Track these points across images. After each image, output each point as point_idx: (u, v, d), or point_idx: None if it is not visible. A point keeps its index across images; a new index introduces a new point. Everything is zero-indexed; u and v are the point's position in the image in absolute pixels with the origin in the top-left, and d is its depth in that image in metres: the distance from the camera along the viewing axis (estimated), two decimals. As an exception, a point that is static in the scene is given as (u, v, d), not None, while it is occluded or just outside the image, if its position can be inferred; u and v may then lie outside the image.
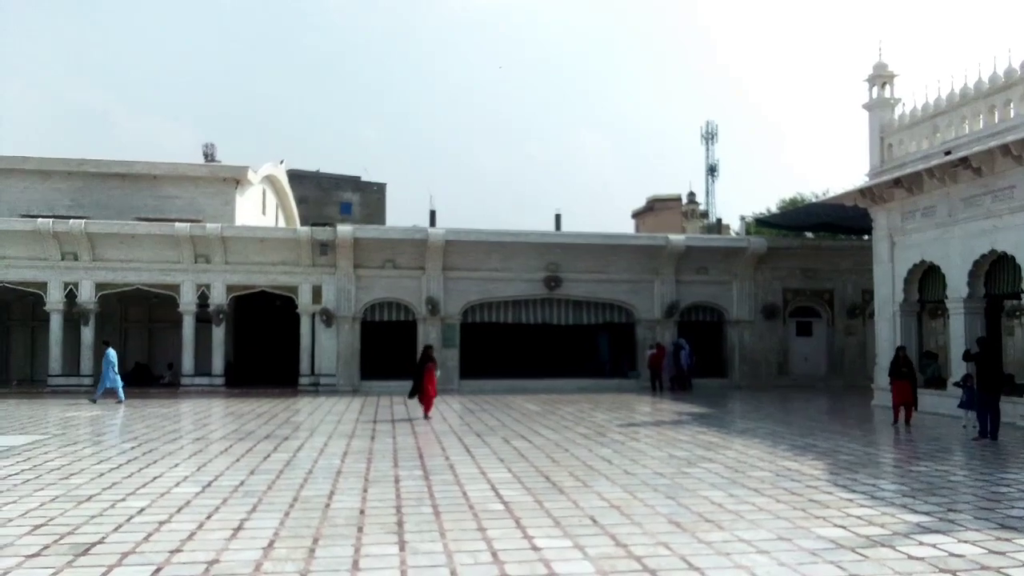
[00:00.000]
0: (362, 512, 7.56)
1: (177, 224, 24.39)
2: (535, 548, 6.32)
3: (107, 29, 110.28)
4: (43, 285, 23.91)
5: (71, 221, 23.85)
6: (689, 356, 25.25)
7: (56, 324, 23.91)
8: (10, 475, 9.35)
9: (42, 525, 6.90)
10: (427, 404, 16.55)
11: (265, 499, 8.12)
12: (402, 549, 6.27)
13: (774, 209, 43.53)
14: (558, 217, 38.28)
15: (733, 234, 40.74)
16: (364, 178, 57.90)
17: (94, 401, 19.64)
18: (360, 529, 6.89)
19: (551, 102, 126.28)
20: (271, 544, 6.38)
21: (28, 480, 9.06)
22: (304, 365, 24.86)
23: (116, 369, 19.92)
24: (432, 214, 35.61)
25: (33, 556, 5.95)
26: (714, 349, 27.53)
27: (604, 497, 8.30)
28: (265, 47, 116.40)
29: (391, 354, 25.43)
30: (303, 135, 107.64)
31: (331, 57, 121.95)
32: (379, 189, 58.41)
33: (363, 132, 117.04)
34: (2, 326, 26.79)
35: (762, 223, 33.06)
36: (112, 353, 20.02)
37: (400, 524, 7.08)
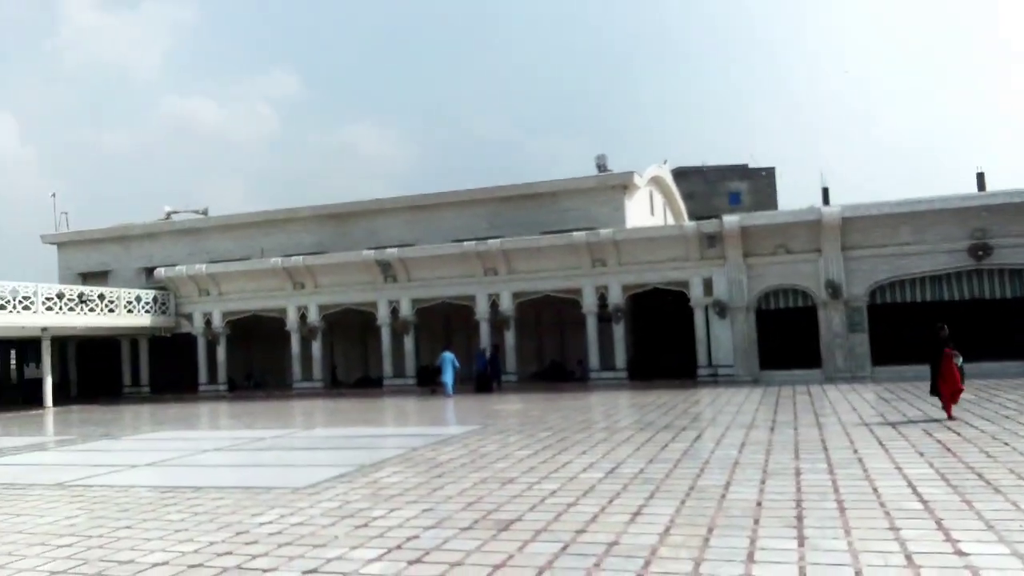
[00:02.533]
0: (759, 504, 7.35)
1: (575, 233, 26.37)
2: (960, 553, 5.53)
3: (505, 61, 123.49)
4: (472, 298, 27.66)
5: (489, 241, 27.24)
6: None
7: (484, 331, 27.46)
8: (451, 459, 10.98)
9: (473, 503, 7.97)
10: (949, 400, 12.80)
11: (663, 487, 8.34)
12: (801, 544, 5.95)
13: None
14: (980, 176, 33.02)
15: None
16: (751, 165, 56.34)
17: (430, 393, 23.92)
18: (756, 521, 6.71)
19: (961, 39, 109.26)
20: (667, 530, 6.53)
21: (464, 464, 10.55)
22: (701, 357, 25.02)
23: (450, 370, 24.11)
24: (825, 192, 33.38)
25: (466, 529, 6.90)
26: None
27: (1057, 499, 6.92)
28: (641, 56, 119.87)
29: (790, 342, 24.32)
30: (685, 132, 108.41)
31: (704, 50, 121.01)
32: (768, 174, 56.40)
33: (746, 117, 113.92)
34: (446, 334, 31.54)
35: None
36: (447, 355, 24.34)
37: (799, 518, 6.73)
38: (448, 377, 24.12)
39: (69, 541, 7.12)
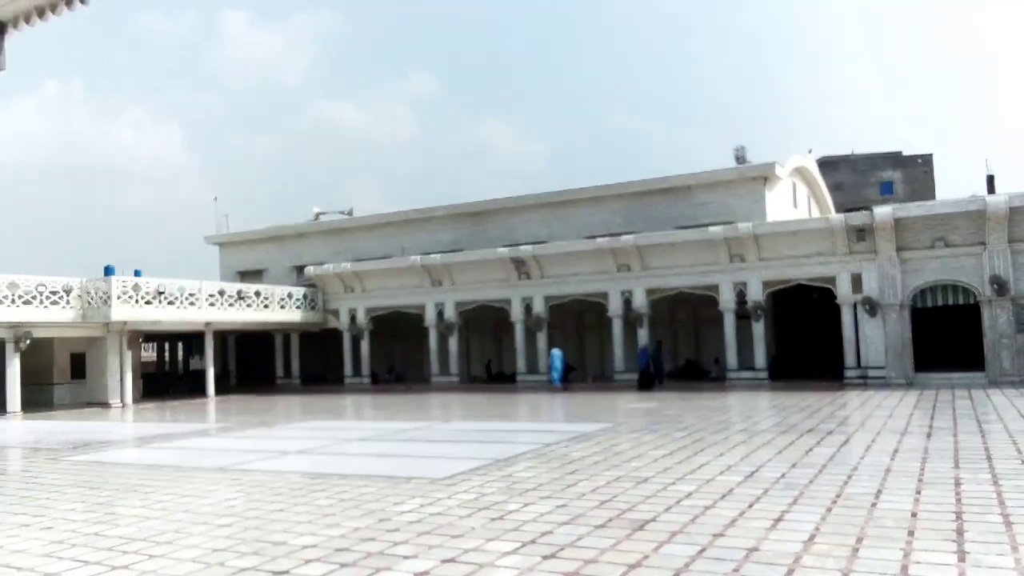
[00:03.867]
0: (913, 515, 6.89)
1: (711, 228, 25.66)
2: None
3: (638, 54, 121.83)
4: (604, 294, 27.51)
5: (623, 237, 27.00)
6: None
7: (617, 328, 27.24)
8: (584, 456, 10.97)
9: (607, 501, 7.93)
10: None
11: (807, 493, 7.98)
12: (961, 560, 5.53)
13: None
14: None
15: None
16: (905, 152, 52.80)
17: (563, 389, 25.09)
18: (911, 533, 6.29)
19: None
20: (812, 538, 6.24)
21: (598, 462, 10.51)
22: (849, 358, 23.73)
23: (557, 367, 25.88)
24: (990, 180, 30.74)
25: (600, 527, 6.87)
26: None
27: None
28: (782, 42, 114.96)
29: (949, 343, 22.64)
30: (833, 119, 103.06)
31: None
32: (924, 162, 52.68)
33: (901, 102, 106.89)
34: (578, 331, 31.54)
35: None
36: (556, 353, 26.17)
37: (960, 532, 6.25)
38: (557, 373, 25.84)
39: (228, 521, 7.66)
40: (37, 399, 26.36)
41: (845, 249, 23.77)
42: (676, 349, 29.51)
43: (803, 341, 27.46)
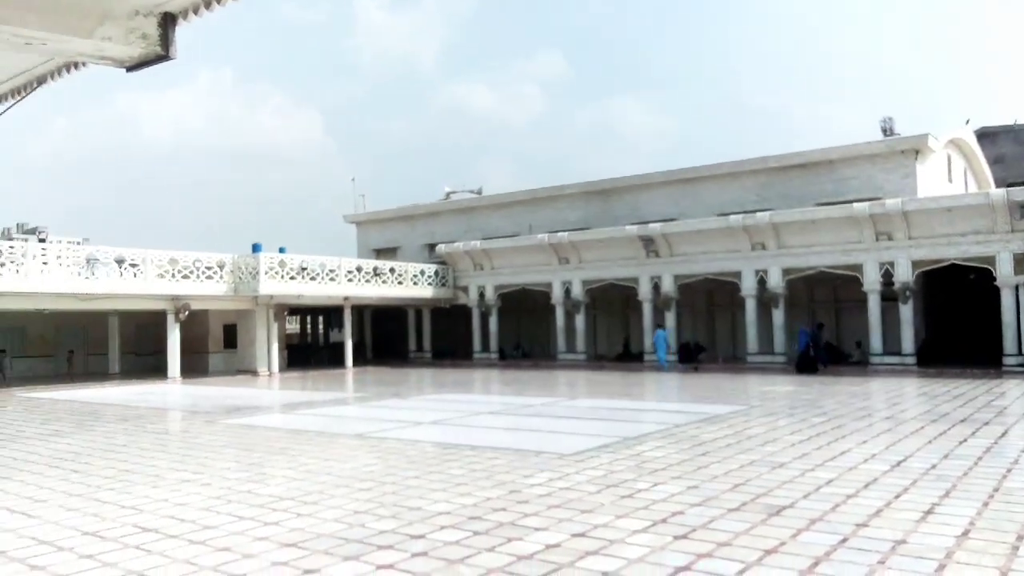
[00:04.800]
0: (1086, 515, 6.31)
1: (855, 204, 24.31)
2: None
3: (771, 24, 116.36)
4: (738, 274, 26.66)
5: (758, 214, 26.02)
6: None
7: (751, 308, 26.37)
8: (715, 439, 10.71)
9: (740, 484, 7.72)
10: None
11: (960, 485, 7.47)
12: None
13: None
14: None
15: None
16: (1079, 120, 47.82)
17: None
18: (1082, 534, 5.77)
19: None
20: (965, 533, 5.84)
21: (730, 444, 10.24)
22: (1009, 344, 21.96)
23: (663, 347, 26.67)
24: None
25: (733, 510, 6.70)
26: None
27: None
28: (933, 6, 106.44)
29: None
30: (992, 86, 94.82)
31: None
32: (1101, 130, 47.51)
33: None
34: (708, 311, 30.77)
35: None
36: (660, 334, 26.85)
37: None
38: (662, 354, 26.64)
39: (368, 485, 8.02)
40: (194, 366, 28.51)
41: (1007, 227, 21.90)
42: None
43: (956, 325, 25.62)
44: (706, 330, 30.22)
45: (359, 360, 32.86)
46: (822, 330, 25.68)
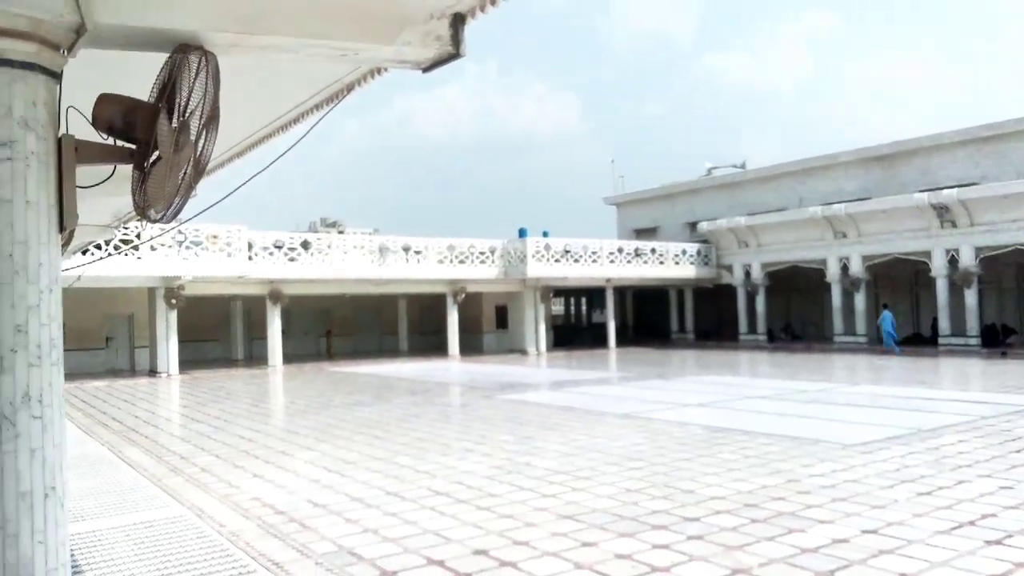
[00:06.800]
0: None
1: None
2: None
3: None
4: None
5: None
6: None
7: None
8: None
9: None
10: None
11: None
12: None
13: None
14: None
15: None
16: None
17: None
18: None
19: None
20: None
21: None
22: None
23: (890, 329, 25.18)
24: None
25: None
26: None
27: None
28: None
29: None
30: None
31: None
32: None
33: None
34: (1019, 287, 26.81)
35: None
36: (887, 316, 25.37)
37: None
38: (889, 337, 25.44)
39: (638, 465, 8.07)
40: (470, 345, 30.57)
41: None
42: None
43: None
44: (1016, 310, 26.41)
45: (621, 341, 33.15)
46: None
